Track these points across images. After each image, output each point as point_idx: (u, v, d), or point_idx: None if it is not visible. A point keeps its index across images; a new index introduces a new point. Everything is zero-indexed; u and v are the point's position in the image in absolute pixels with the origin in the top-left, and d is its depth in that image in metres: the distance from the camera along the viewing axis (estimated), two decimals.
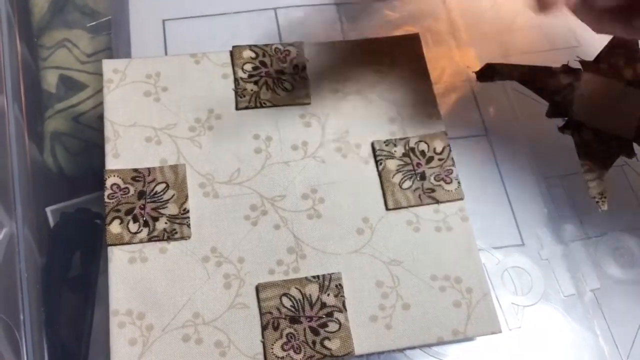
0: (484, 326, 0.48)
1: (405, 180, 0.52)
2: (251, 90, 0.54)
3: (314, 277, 0.48)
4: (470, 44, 0.63)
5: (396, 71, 0.56)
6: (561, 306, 0.53)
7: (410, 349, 0.50)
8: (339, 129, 0.54)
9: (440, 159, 0.53)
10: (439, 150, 0.53)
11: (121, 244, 0.48)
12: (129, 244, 0.48)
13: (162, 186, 0.50)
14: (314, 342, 0.46)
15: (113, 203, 0.49)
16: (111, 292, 0.47)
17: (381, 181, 0.52)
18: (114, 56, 0.60)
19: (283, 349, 0.46)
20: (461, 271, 0.50)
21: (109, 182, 0.50)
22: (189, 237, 0.49)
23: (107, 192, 0.49)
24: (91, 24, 0.65)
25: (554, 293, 0.53)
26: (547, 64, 0.58)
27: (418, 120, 0.55)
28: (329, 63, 0.56)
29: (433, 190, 0.52)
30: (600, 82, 0.57)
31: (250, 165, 0.52)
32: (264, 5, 0.64)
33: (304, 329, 0.47)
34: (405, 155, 0.53)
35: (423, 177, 0.52)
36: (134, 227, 0.49)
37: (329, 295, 0.48)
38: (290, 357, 0.46)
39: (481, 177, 0.57)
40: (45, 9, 0.65)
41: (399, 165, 0.53)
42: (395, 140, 0.53)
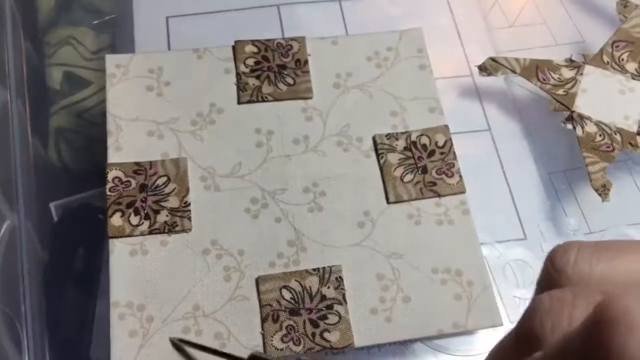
0: (484, 319, 0.48)
1: (406, 174, 0.52)
2: (253, 84, 0.54)
3: (314, 269, 0.48)
4: (473, 38, 0.63)
5: (398, 65, 0.56)
6: None
7: (410, 341, 0.50)
8: (340, 122, 0.54)
9: (442, 153, 0.53)
10: (440, 144, 0.53)
11: (122, 237, 0.48)
12: (130, 236, 0.48)
13: (164, 179, 0.50)
14: (313, 334, 0.46)
15: (115, 196, 0.49)
16: (112, 284, 0.47)
17: (382, 175, 0.52)
18: (118, 53, 0.60)
19: (282, 340, 0.46)
20: (462, 264, 0.49)
21: (110, 175, 0.50)
22: (190, 230, 0.49)
23: (108, 185, 0.49)
24: (96, 21, 0.65)
25: None
26: (551, 59, 0.58)
27: (420, 114, 0.54)
28: (331, 58, 0.56)
29: (434, 184, 0.52)
30: (604, 75, 0.57)
31: (252, 159, 0.52)
32: (267, 1, 0.64)
33: (304, 321, 0.46)
34: (406, 149, 0.53)
35: (424, 170, 0.52)
36: (135, 219, 0.49)
37: (329, 287, 0.48)
38: (290, 349, 0.46)
39: (483, 171, 0.57)
40: (50, 7, 0.66)
41: (400, 159, 0.52)
42: (397, 134, 0.53)
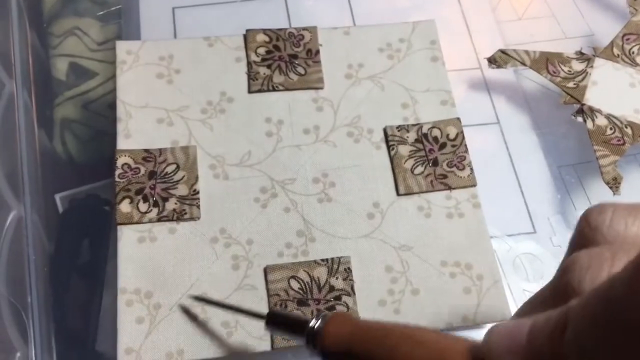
0: (494, 313, 0.47)
1: (417, 166, 0.52)
2: (264, 73, 0.54)
3: (322, 260, 0.48)
4: (482, 31, 0.63)
5: (410, 57, 0.56)
6: None
7: None
8: (351, 113, 0.54)
9: (453, 146, 0.53)
10: (452, 136, 0.53)
11: (130, 224, 0.48)
12: (138, 223, 0.48)
13: (173, 167, 0.50)
14: None
15: (123, 183, 0.49)
16: (120, 271, 0.47)
17: (393, 166, 0.52)
18: None
19: None
20: (472, 258, 0.49)
21: (120, 162, 0.50)
22: (199, 218, 0.49)
23: (117, 172, 0.49)
24: (101, 12, 0.65)
25: None
26: (561, 51, 0.58)
27: (431, 107, 0.54)
28: (343, 48, 0.56)
29: (445, 177, 0.51)
30: (614, 68, 0.57)
31: (261, 148, 0.52)
32: None
33: (312, 312, 0.46)
34: (417, 141, 0.53)
35: (435, 163, 0.52)
36: (143, 206, 0.48)
37: (337, 278, 0.47)
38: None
39: (493, 164, 0.57)
40: None
41: (411, 151, 0.52)
42: (408, 125, 0.53)
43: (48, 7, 0.65)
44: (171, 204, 0.49)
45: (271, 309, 0.44)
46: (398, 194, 0.51)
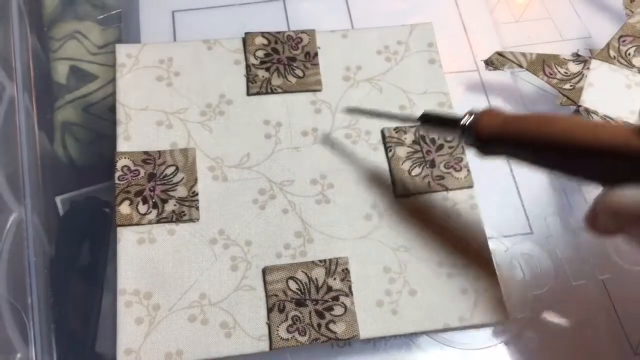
0: (490, 313, 0.48)
1: (414, 167, 0.52)
2: (262, 76, 0.55)
3: (320, 261, 0.48)
4: (480, 33, 0.63)
5: (408, 59, 0.57)
6: (569, 294, 0.52)
7: (416, 334, 0.50)
8: (349, 115, 0.54)
9: (450, 147, 0.53)
10: (449, 138, 0.53)
11: (130, 225, 0.48)
12: (138, 224, 0.48)
13: (172, 169, 0.50)
14: (319, 325, 0.46)
15: (123, 184, 0.49)
16: (119, 272, 0.47)
17: (390, 168, 0.52)
18: None
19: (288, 331, 0.46)
20: (469, 258, 0.49)
21: (119, 164, 0.50)
22: (198, 220, 0.49)
23: (117, 174, 0.50)
24: (101, 16, 0.65)
25: (563, 281, 0.53)
26: (558, 53, 0.58)
27: (429, 108, 0.55)
28: (341, 51, 0.56)
29: (442, 178, 0.52)
30: (610, 70, 0.57)
31: (260, 150, 0.52)
32: None
33: (310, 312, 0.46)
34: (415, 142, 0.53)
35: (433, 164, 0.52)
36: (143, 208, 0.49)
37: (335, 279, 0.48)
38: (295, 339, 0.46)
39: (489, 166, 0.57)
40: (56, 1, 0.66)
41: (408, 153, 0.52)
42: (406, 127, 0.54)
43: (48, 11, 0.65)
44: (170, 206, 0.49)
45: (425, 111, 0.45)
46: (395, 195, 0.51)
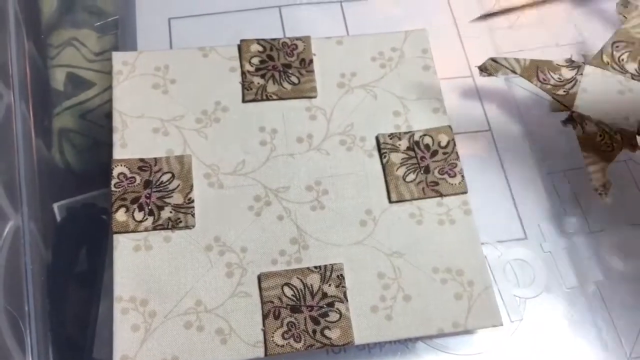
0: (485, 318, 0.48)
1: (409, 174, 0.52)
2: (258, 83, 0.55)
3: (315, 267, 0.48)
4: (475, 39, 0.64)
5: (402, 66, 0.57)
6: (564, 299, 0.53)
7: (410, 340, 0.50)
8: (344, 122, 0.54)
9: (444, 153, 0.53)
10: (443, 144, 0.53)
11: (126, 232, 0.49)
12: (134, 232, 0.49)
13: (168, 176, 0.50)
14: (314, 331, 0.46)
15: (119, 192, 0.50)
16: (115, 279, 0.47)
17: (385, 174, 0.52)
18: None
19: (283, 337, 0.46)
20: (463, 264, 0.50)
21: (116, 172, 0.50)
22: (193, 227, 0.49)
23: (113, 181, 0.50)
24: (98, 23, 0.65)
25: (557, 286, 0.53)
26: (551, 59, 0.59)
27: (423, 115, 0.55)
28: (336, 57, 0.57)
29: (437, 184, 0.52)
30: (604, 76, 0.57)
31: (255, 157, 0.52)
32: (268, 3, 0.65)
33: (305, 318, 0.47)
34: (409, 148, 0.53)
35: (427, 170, 0.52)
36: (139, 215, 0.49)
37: (330, 285, 0.48)
38: (291, 345, 0.46)
39: (484, 172, 0.57)
40: (53, 9, 0.66)
41: (403, 159, 0.53)
42: (400, 133, 0.54)
43: (46, 18, 0.66)
44: (166, 213, 0.49)
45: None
46: (390, 201, 0.51)
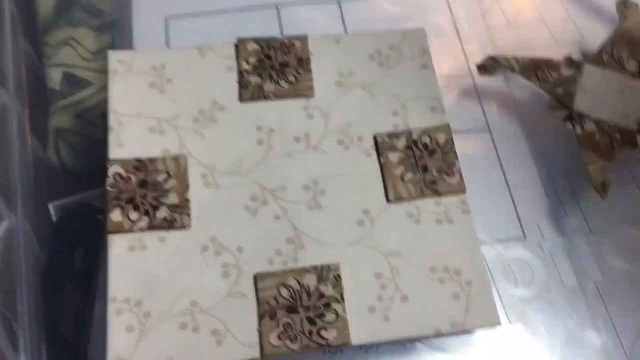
0: (483, 319, 0.48)
1: (407, 173, 0.52)
2: (255, 82, 0.54)
3: (312, 267, 0.48)
4: (473, 38, 0.63)
5: (401, 65, 0.56)
6: (563, 299, 0.52)
7: (408, 340, 0.50)
8: (341, 121, 0.54)
9: (443, 152, 0.53)
10: (442, 143, 0.53)
11: (121, 232, 0.48)
12: (129, 232, 0.48)
13: (164, 176, 0.50)
14: (310, 332, 0.46)
15: (115, 192, 0.49)
16: (110, 280, 0.47)
17: (383, 173, 0.52)
18: None
19: (280, 338, 0.46)
20: (461, 264, 0.49)
21: (111, 171, 0.50)
22: (189, 227, 0.49)
23: (109, 181, 0.49)
24: (95, 23, 0.65)
25: (556, 286, 0.53)
26: (551, 58, 0.58)
27: (422, 114, 0.54)
28: (334, 57, 0.56)
29: (435, 183, 0.52)
30: (603, 74, 0.57)
31: (252, 157, 0.52)
32: (266, 2, 0.65)
33: (301, 319, 0.46)
34: (408, 148, 0.53)
35: (425, 170, 0.52)
36: (134, 215, 0.49)
37: (327, 286, 0.47)
38: (287, 346, 0.45)
39: (483, 171, 0.57)
40: (50, 9, 0.66)
41: (401, 158, 0.52)
42: (398, 133, 0.53)
43: (43, 17, 0.65)
44: (162, 213, 0.49)
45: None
46: (388, 200, 0.51)
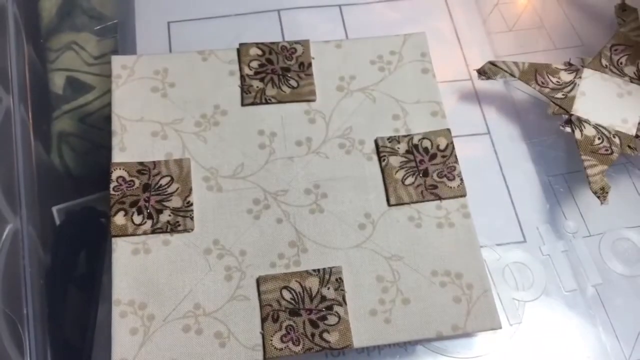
0: (483, 322, 0.48)
1: (407, 177, 0.52)
2: (257, 86, 0.55)
3: (314, 270, 0.48)
4: (473, 43, 0.64)
5: (401, 69, 0.57)
6: (563, 301, 0.53)
7: (409, 343, 0.50)
8: (343, 125, 0.54)
9: (443, 156, 0.53)
10: (442, 147, 0.53)
11: (125, 235, 0.49)
12: (132, 235, 0.49)
13: (167, 179, 0.50)
14: (312, 335, 0.46)
15: (118, 195, 0.50)
16: (114, 283, 0.47)
17: (384, 177, 0.52)
18: None
19: (282, 340, 0.46)
20: (462, 267, 0.49)
21: (114, 175, 0.50)
22: (192, 230, 0.49)
23: (112, 185, 0.50)
24: (98, 27, 0.66)
25: (556, 289, 0.53)
26: (550, 62, 0.59)
27: (422, 118, 0.55)
28: (335, 61, 0.57)
29: (435, 187, 0.52)
30: (602, 79, 0.57)
31: (254, 161, 0.52)
32: (267, 7, 0.65)
33: (304, 322, 0.47)
34: (408, 152, 0.53)
35: (426, 173, 0.52)
36: (138, 219, 0.49)
37: (329, 288, 0.48)
38: (289, 348, 0.46)
39: (483, 174, 0.57)
40: (53, 13, 0.66)
41: (402, 162, 0.53)
42: (399, 137, 0.54)
43: (45, 22, 0.66)
44: (165, 216, 0.49)
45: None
46: (389, 204, 0.51)
